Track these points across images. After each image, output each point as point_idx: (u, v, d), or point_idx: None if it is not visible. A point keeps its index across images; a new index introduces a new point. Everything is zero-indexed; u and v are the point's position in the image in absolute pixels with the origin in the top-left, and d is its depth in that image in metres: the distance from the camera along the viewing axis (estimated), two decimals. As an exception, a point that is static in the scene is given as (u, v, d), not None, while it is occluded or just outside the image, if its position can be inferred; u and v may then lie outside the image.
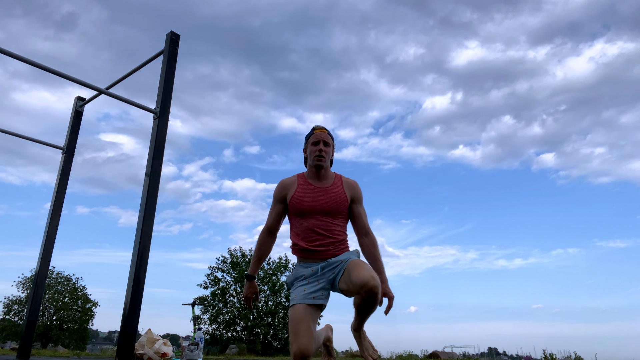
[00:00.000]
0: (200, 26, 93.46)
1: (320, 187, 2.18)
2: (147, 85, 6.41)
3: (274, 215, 2.22)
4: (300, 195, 2.16)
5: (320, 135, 2.21)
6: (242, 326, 22.99)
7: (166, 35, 3.16)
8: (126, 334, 2.41)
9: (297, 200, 2.15)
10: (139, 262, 2.57)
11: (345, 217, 2.20)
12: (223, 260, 25.22)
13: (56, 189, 3.89)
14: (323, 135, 2.21)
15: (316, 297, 2.02)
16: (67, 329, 24.87)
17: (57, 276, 25.69)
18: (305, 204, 2.13)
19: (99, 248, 61.63)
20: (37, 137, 3.94)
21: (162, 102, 2.95)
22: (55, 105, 69.89)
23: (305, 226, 2.13)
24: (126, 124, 67.79)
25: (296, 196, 2.16)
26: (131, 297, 2.46)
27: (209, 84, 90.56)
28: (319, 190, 2.17)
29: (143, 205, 2.70)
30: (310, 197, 2.15)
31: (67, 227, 44.98)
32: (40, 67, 2.59)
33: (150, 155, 2.84)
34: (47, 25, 67.59)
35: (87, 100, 4.08)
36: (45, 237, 3.67)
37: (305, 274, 2.10)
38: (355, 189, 2.23)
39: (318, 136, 2.21)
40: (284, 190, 2.21)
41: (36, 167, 51.35)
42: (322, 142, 2.19)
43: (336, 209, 2.14)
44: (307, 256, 2.13)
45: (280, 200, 2.21)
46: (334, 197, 2.15)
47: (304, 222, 2.13)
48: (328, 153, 2.19)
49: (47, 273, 3.75)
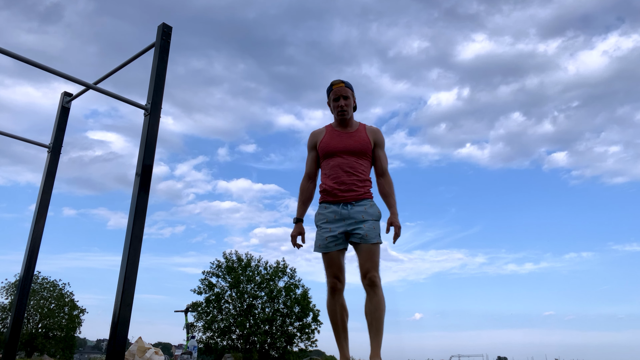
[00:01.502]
0: (193, 18, 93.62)
1: (346, 132, 2.54)
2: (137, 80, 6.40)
3: (310, 163, 2.61)
4: (328, 139, 2.53)
5: (339, 91, 2.52)
6: (238, 334, 23.02)
7: (158, 27, 3.15)
8: (115, 342, 2.40)
9: (325, 143, 2.52)
10: (129, 266, 2.56)
11: (369, 159, 2.55)
12: (218, 265, 25.27)
13: (42, 190, 3.88)
14: (342, 90, 2.53)
15: (338, 244, 2.40)
16: (54, 337, 24.87)
17: (42, 281, 25.70)
18: (332, 146, 2.50)
19: (87, 252, 61.81)
20: (22, 135, 3.93)
21: (153, 98, 2.94)
22: (40, 102, 69.91)
23: (332, 164, 2.48)
24: (115, 121, 67.83)
25: (324, 140, 2.54)
26: (121, 304, 2.45)
27: (201, 79, 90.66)
28: (345, 134, 2.54)
29: (133, 207, 2.69)
30: (336, 140, 2.52)
31: (53, 229, 45.04)
32: (25, 61, 2.58)
33: (140, 154, 2.83)
34: (30, 17, 67.46)
35: (74, 96, 4.08)
36: (30, 240, 3.66)
37: (328, 218, 2.45)
38: (378, 135, 2.58)
39: (337, 92, 2.53)
40: (314, 138, 2.61)
41: (20, 167, 51.38)
42: (342, 97, 2.52)
43: (360, 149, 2.49)
44: (330, 199, 2.45)
45: (313, 147, 2.60)
46: (358, 140, 2.50)
47: (331, 162, 2.50)
48: (349, 105, 2.53)
49: (32, 278, 3.72)
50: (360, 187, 2.45)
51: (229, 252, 25.58)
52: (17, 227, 43.76)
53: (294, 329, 23.88)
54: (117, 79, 3.64)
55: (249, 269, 24.33)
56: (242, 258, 25.16)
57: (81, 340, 46.44)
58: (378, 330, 2.25)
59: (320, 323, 24.11)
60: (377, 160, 2.57)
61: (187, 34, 77.32)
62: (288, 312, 23.88)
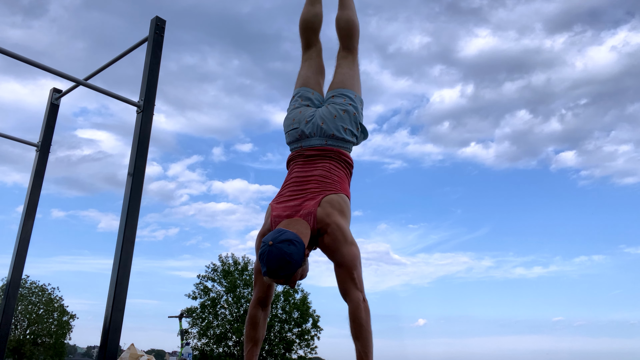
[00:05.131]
0: (184, 12, 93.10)
1: None
2: (127, 77, 6.37)
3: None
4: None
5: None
6: (235, 341, 23.00)
7: (151, 20, 3.15)
8: (107, 349, 2.39)
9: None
10: (121, 270, 2.56)
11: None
12: (213, 269, 25.26)
13: (29, 191, 3.87)
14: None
15: None
16: (42, 343, 24.86)
17: (30, 286, 25.69)
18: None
19: (77, 255, 61.59)
20: (7, 133, 3.92)
21: (146, 95, 2.94)
22: (26, 99, 69.67)
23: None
24: (105, 119, 67.60)
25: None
26: (112, 309, 2.44)
27: (194, 76, 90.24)
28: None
29: (125, 208, 2.69)
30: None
31: (41, 232, 44.90)
32: (16, 57, 2.57)
33: (133, 153, 2.82)
34: (14, 11, 66.92)
35: (63, 92, 4.07)
36: (17, 242, 3.65)
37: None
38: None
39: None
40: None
41: (6, 167, 51.14)
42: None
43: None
44: None
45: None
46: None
47: None
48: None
49: (20, 282, 3.72)
50: None
51: (225, 255, 25.58)
52: (4, 229, 43.62)
53: (293, 335, 23.86)
54: (107, 75, 3.63)
55: (246, 272, 24.32)
56: (238, 261, 25.15)
57: (71, 347, 46.44)
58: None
59: (320, 329, 24.11)
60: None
61: (179, 28, 77.16)
62: (287, 317, 23.86)
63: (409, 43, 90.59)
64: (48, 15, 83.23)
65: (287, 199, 2.08)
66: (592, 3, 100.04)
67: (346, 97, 2.32)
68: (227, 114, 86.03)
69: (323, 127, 2.23)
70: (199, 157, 65.48)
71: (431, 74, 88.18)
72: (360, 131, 2.33)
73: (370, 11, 68.92)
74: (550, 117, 76.82)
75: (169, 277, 54.59)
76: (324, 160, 2.16)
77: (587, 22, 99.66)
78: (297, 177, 2.15)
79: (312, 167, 2.15)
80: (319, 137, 2.22)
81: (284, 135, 2.41)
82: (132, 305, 36.19)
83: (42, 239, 44.91)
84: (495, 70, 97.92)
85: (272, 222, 2.01)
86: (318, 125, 2.24)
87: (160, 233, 54.20)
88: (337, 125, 2.23)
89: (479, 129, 77.64)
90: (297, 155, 2.25)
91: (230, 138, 73.40)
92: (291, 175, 2.20)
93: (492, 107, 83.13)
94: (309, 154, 2.20)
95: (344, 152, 2.23)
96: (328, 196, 2.00)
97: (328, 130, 2.22)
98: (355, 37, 2.52)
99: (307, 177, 2.12)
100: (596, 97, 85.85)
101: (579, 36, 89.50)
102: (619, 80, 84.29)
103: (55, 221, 53.98)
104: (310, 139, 2.23)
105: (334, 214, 1.94)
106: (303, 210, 1.97)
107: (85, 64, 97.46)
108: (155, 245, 52.27)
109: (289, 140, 2.34)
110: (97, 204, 61.21)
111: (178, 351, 5.66)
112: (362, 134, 2.35)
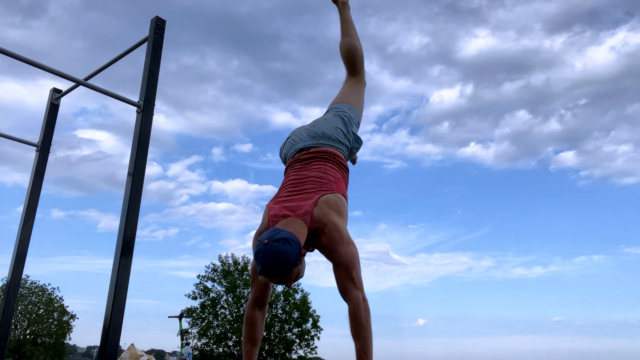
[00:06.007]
0: (184, 12, 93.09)
1: None
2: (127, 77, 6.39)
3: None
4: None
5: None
6: (235, 341, 23.02)
7: (151, 20, 3.16)
8: (107, 349, 2.41)
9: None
10: (121, 270, 2.57)
11: None
12: (213, 269, 25.28)
13: (29, 191, 3.89)
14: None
15: None
16: (42, 343, 24.90)
17: (31, 286, 25.74)
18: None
19: (77, 255, 61.63)
20: (7, 133, 3.93)
21: (146, 95, 2.95)
22: (26, 99, 69.75)
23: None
24: (105, 120, 67.64)
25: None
26: (112, 309, 2.46)
27: (194, 76, 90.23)
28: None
29: (125, 208, 2.70)
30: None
31: (41, 232, 44.98)
32: (14, 57, 2.59)
33: (133, 152, 2.83)
34: (13, 12, 66.91)
35: (63, 93, 4.09)
36: (17, 243, 3.67)
37: None
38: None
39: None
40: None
41: (6, 167, 51.19)
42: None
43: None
44: None
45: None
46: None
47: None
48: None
49: (20, 282, 3.74)
50: None
51: (225, 255, 25.61)
52: (4, 229, 43.64)
53: (293, 335, 23.89)
54: (107, 75, 3.64)
55: (246, 272, 24.33)
56: (238, 261, 25.18)
57: (71, 347, 46.52)
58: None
59: (320, 329, 24.13)
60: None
61: (178, 28, 77.08)
62: (287, 317, 23.89)
63: (408, 43, 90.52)
64: (47, 15, 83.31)
65: (284, 199, 2.09)
66: (592, 3, 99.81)
67: (339, 109, 2.41)
68: (227, 114, 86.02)
69: (314, 128, 2.31)
70: (199, 157, 65.48)
71: (430, 74, 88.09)
72: (355, 140, 2.36)
73: (369, 11, 68.72)
74: (549, 117, 76.74)
75: (169, 277, 54.69)
76: (320, 162, 2.18)
77: (587, 22, 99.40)
78: (294, 178, 2.17)
79: (308, 169, 2.17)
80: (311, 138, 2.28)
81: (283, 135, 2.47)
82: (132, 305, 36.25)
83: (42, 239, 45.02)
84: (495, 71, 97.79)
85: (269, 222, 2.02)
86: (309, 128, 2.33)
87: (160, 233, 54.27)
88: (327, 125, 2.31)
89: (479, 129, 77.56)
90: (293, 161, 2.28)
91: (230, 138, 73.39)
92: (288, 177, 2.22)
93: (492, 107, 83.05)
94: (304, 157, 2.23)
95: (338, 154, 2.25)
96: (325, 196, 2.00)
97: (318, 130, 2.29)
98: (357, 62, 2.58)
99: (303, 178, 2.13)
100: (595, 98, 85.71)
101: (578, 36, 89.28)
102: (619, 81, 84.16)
103: (55, 221, 54.05)
104: (304, 141, 2.29)
105: (330, 214, 1.95)
106: (300, 210, 1.98)
107: (85, 64, 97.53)
108: (155, 246, 52.33)
109: (286, 151, 2.40)
110: (97, 204, 61.20)
111: (178, 351, 5.67)
112: (356, 142, 2.38)
